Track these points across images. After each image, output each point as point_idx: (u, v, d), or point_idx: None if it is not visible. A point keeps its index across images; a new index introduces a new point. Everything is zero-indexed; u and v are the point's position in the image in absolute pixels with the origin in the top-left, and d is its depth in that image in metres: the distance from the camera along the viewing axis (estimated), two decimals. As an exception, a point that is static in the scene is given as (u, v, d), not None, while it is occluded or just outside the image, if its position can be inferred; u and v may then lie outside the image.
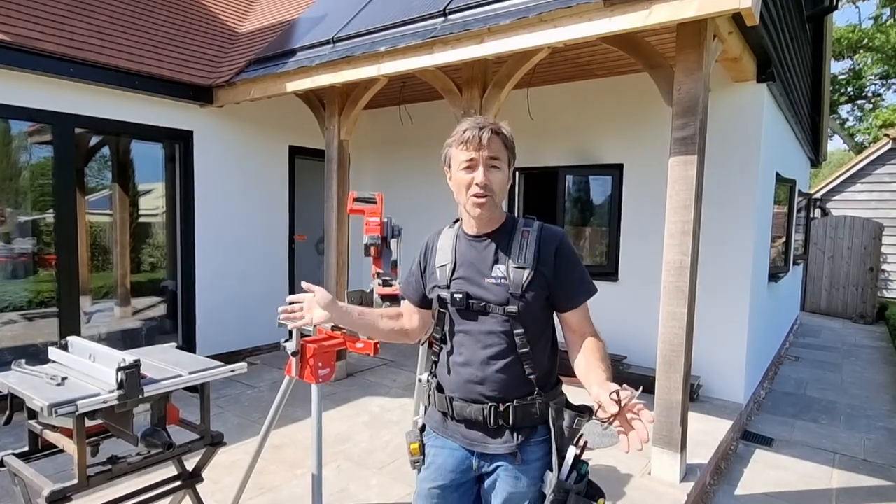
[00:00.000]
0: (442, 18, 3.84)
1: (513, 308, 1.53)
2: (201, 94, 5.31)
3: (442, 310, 1.63)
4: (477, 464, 1.60)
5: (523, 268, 1.54)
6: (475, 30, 3.52)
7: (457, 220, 1.72)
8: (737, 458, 4.13)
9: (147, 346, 2.81)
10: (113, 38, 4.91)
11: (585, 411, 1.59)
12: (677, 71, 3.20)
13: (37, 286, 4.63)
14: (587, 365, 1.56)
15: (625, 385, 1.34)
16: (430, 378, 1.72)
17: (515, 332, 1.54)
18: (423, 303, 1.76)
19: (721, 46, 3.50)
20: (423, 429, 1.74)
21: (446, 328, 1.64)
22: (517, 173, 6.18)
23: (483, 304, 1.55)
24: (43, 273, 4.65)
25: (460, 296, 1.57)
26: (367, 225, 2.97)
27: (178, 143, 5.41)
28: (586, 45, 3.93)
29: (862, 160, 11.43)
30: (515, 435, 1.55)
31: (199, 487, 2.49)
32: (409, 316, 1.83)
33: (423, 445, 1.69)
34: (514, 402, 1.54)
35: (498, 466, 1.57)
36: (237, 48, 5.93)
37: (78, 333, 4.64)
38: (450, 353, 1.64)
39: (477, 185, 1.51)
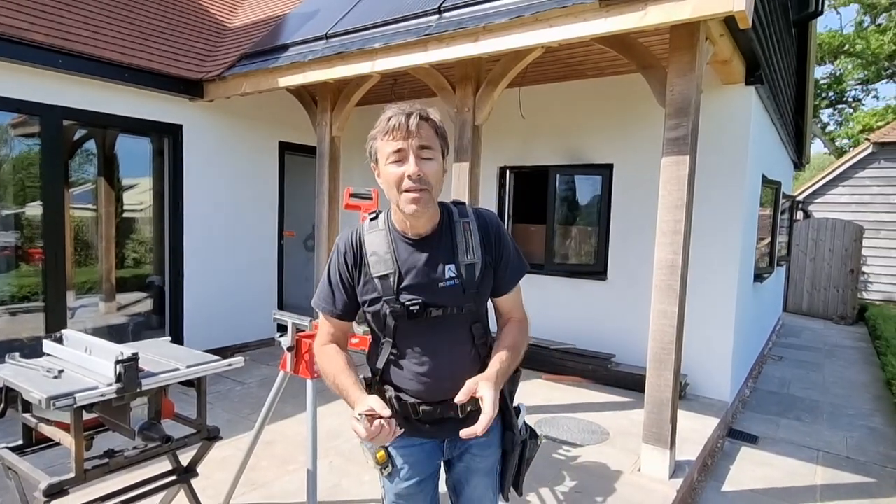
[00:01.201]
0: (437, 16, 3.85)
1: (470, 305, 1.51)
2: (191, 88, 5.26)
3: (390, 325, 1.51)
4: (448, 449, 1.63)
5: (474, 263, 1.50)
6: (470, 28, 3.54)
7: (374, 217, 1.58)
8: (723, 456, 4.20)
9: (134, 341, 2.79)
10: (102, 29, 4.84)
11: (517, 373, 1.63)
12: (670, 72, 3.24)
13: (20, 280, 4.55)
14: (494, 351, 1.54)
15: (482, 396, 1.37)
16: (375, 383, 1.59)
17: (473, 326, 1.55)
18: (349, 315, 1.61)
19: (712, 49, 3.55)
20: None
21: (395, 337, 1.53)
22: (507, 172, 6.21)
23: (441, 309, 1.48)
24: (25, 267, 4.57)
25: (417, 306, 1.46)
26: (363, 221, 2.97)
27: (168, 137, 5.35)
28: (579, 45, 3.97)
29: (843, 164, 11.66)
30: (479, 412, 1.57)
31: (192, 482, 2.47)
32: (344, 337, 1.66)
33: (387, 451, 1.58)
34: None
35: (468, 446, 1.61)
36: (228, 42, 5.88)
37: (64, 328, 4.56)
38: (410, 360, 1.53)
39: (409, 177, 1.38)
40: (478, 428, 1.31)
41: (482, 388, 1.37)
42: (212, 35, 6.04)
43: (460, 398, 1.38)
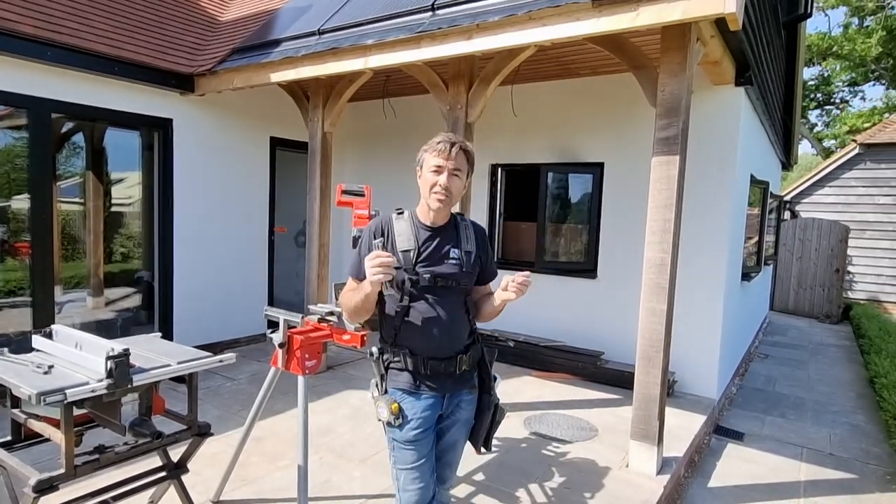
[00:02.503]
0: (430, 13, 3.84)
1: (466, 281, 2.00)
2: (182, 82, 5.21)
3: (408, 288, 1.91)
4: (446, 404, 2.00)
5: (471, 252, 2.01)
6: (463, 26, 3.54)
7: (401, 212, 2.03)
8: (710, 452, 4.25)
9: (122, 337, 2.77)
10: (91, 21, 4.79)
11: (494, 349, 2.19)
12: (661, 72, 3.27)
13: (6, 275, 4.50)
14: (487, 299, 2.07)
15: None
16: (387, 349, 1.98)
17: (467, 299, 2.03)
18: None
19: (703, 50, 3.59)
20: (385, 392, 1.99)
21: (409, 303, 1.93)
22: (499, 170, 6.24)
23: (446, 280, 1.94)
24: (12, 262, 4.52)
25: (428, 275, 1.91)
26: (356, 217, 2.97)
27: (157, 131, 5.31)
28: (571, 44, 3.99)
29: (830, 164, 11.80)
30: (470, 373, 2.04)
31: (182, 478, 2.47)
32: None
33: (399, 405, 1.94)
34: (469, 349, 2.01)
35: (460, 400, 2.03)
36: (219, 36, 5.83)
37: (52, 323, 4.52)
38: (421, 322, 1.92)
39: (440, 185, 1.89)
40: (512, 288, 1.85)
41: (499, 293, 1.92)
42: (203, 29, 5.99)
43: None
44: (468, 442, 2.14)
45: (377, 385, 2.01)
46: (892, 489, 3.82)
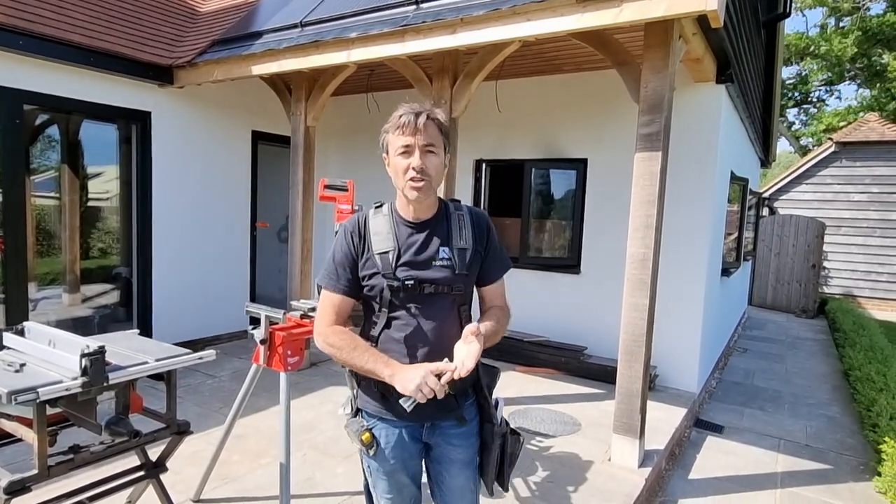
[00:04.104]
0: (414, 6, 3.81)
1: (460, 286, 1.65)
2: (160, 74, 5.11)
3: (386, 297, 1.62)
4: (427, 433, 1.70)
5: (465, 248, 1.66)
6: (448, 20, 3.52)
7: (379, 205, 1.73)
8: (690, 445, 4.31)
9: (100, 334, 2.71)
10: (66, 10, 4.66)
11: (496, 369, 1.77)
12: (644, 69, 3.29)
13: (-24, 271, 4.39)
14: (479, 321, 1.68)
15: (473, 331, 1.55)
16: None
17: (461, 308, 1.67)
18: (354, 293, 1.69)
19: (685, 47, 3.61)
20: (356, 413, 1.73)
21: (388, 314, 1.63)
22: (483, 165, 6.23)
23: (434, 286, 1.61)
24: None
25: (412, 281, 1.59)
26: (339, 212, 2.94)
27: (136, 124, 5.20)
28: (556, 39, 3.99)
29: (807, 162, 12.02)
30: (458, 399, 1.68)
31: (161, 477, 2.43)
32: (344, 321, 1.70)
33: (371, 432, 1.67)
34: None
35: (447, 433, 1.70)
36: (199, 28, 5.73)
37: (26, 320, 4.42)
38: (398, 337, 1.62)
39: (413, 168, 1.56)
40: (458, 364, 1.47)
41: (468, 331, 1.52)
42: (182, 20, 5.87)
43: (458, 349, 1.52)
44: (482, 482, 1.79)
45: (351, 401, 1.76)
46: (865, 479, 3.91)
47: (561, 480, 3.27)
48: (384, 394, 1.64)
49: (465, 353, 1.50)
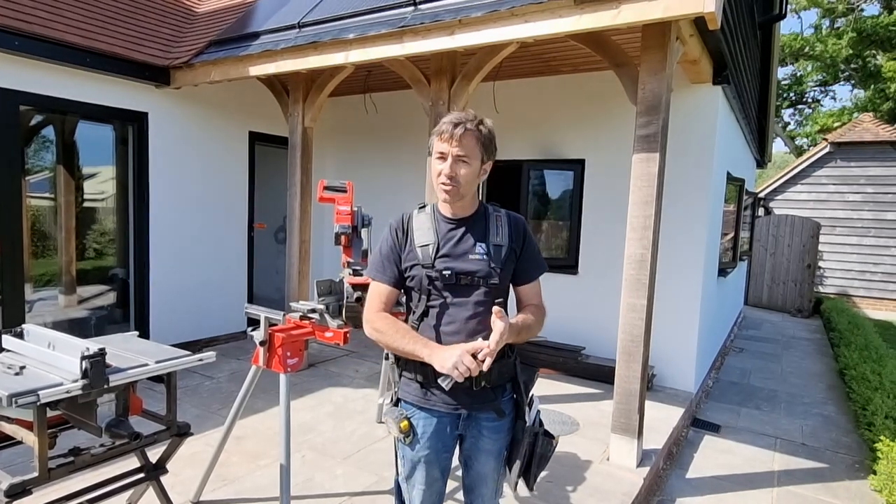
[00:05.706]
0: (412, 8, 3.81)
1: (494, 280, 1.74)
2: (157, 75, 5.09)
3: (425, 286, 1.74)
4: (463, 425, 1.79)
5: (501, 245, 1.78)
6: (446, 21, 3.52)
7: (422, 206, 1.87)
8: (687, 444, 4.33)
9: (97, 336, 2.71)
10: (62, 11, 4.65)
11: (535, 369, 1.90)
12: (642, 70, 3.30)
13: (-29, 273, 4.37)
14: (525, 311, 1.82)
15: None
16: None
17: (496, 300, 1.72)
18: (398, 284, 1.82)
19: (682, 48, 3.63)
20: (396, 403, 1.83)
21: (427, 303, 1.75)
22: (481, 166, 6.22)
23: (470, 278, 1.73)
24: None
25: (449, 272, 1.71)
26: (338, 214, 2.94)
27: (132, 125, 5.18)
28: (554, 41, 4.00)
29: (802, 162, 12.08)
30: (495, 393, 1.77)
31: (161, 479, 2.42)
32: (390, 304, 1.83)
33: (409, 421, 1.77)
34: (495, 361, 1.65)
35: (482, 425, 1.78)
36: (196, 28, 5.72)
37: (22, 322, 4.40)
38: (435, 325, 1.74)
39: (443, 174, 1.70)
40: (490, 342, 1.57)
41: (495, 311, 1.61)
42: (179, 20, 5.86)
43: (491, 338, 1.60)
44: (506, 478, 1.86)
45: (392, 393, 1.84)
46: (860, 477, 3.93)
47: (560, 480, 3.28)
48: (423, 383, 1.74)
49: (494, 331, 1.60)
